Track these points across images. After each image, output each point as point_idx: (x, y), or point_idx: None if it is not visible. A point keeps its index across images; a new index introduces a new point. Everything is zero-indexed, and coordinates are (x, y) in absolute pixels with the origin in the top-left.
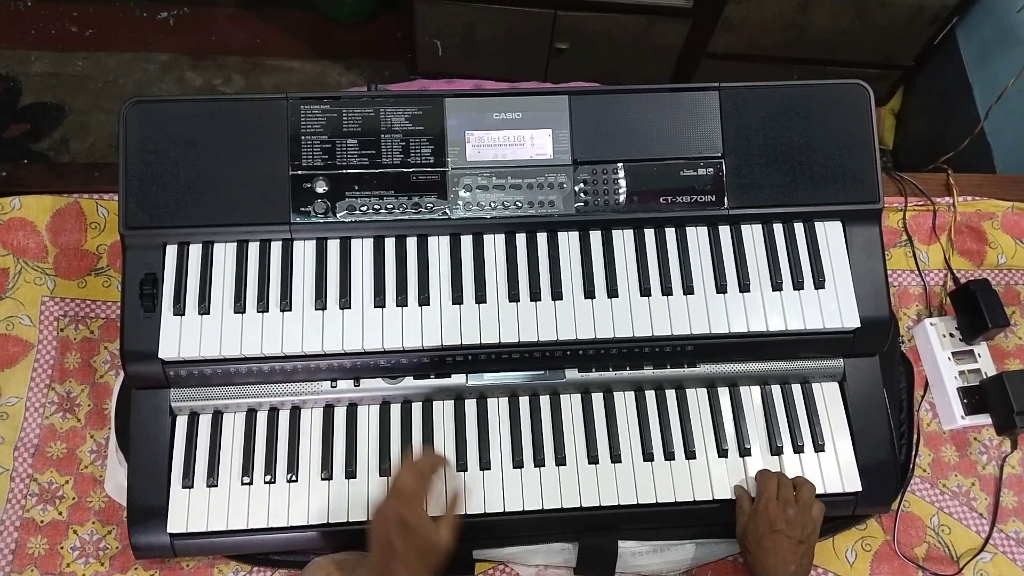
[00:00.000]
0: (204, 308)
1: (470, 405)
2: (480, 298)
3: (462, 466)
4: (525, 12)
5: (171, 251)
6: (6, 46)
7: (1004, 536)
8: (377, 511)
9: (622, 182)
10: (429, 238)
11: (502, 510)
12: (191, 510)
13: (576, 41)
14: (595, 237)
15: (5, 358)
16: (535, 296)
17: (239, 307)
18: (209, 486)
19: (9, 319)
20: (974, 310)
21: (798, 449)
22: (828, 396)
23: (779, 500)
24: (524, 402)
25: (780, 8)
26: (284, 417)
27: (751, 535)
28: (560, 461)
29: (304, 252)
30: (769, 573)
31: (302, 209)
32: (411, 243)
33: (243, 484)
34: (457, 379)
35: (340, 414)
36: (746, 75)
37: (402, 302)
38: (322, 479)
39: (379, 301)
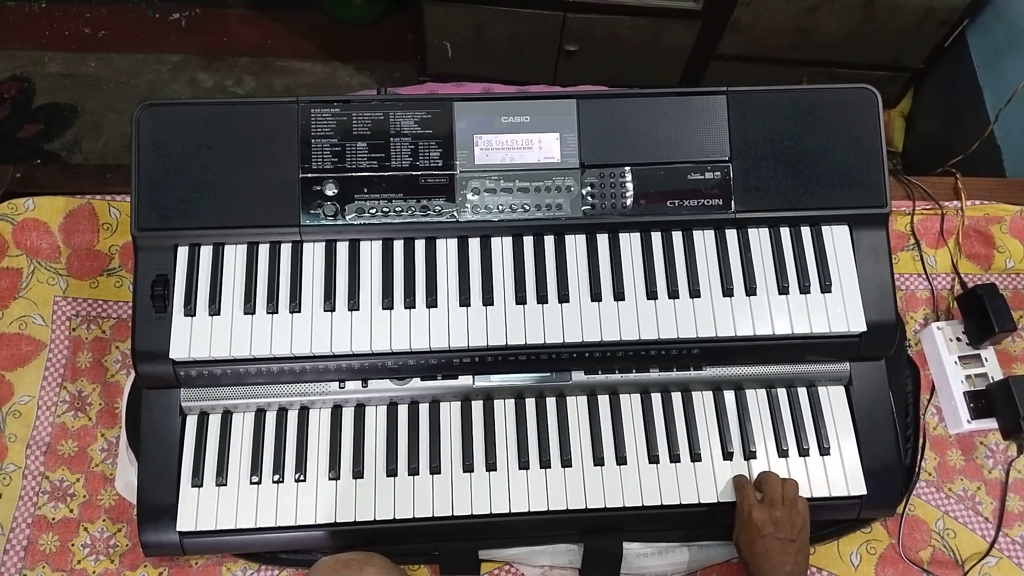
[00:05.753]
0: (215, 309)
1: (477, 406)
2: (487, 300)
3: (468, 467)
4: (534, 14)
5: (182, 252)
6: (20, 47)
7: (1010, 540)
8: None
9: (629, 185)
10: (437, 241)
11: (508, 511)
12: (200, 509)
13: (585, 43)
14: (602, 240)
15: (18, 357)
16: (542, 299)
17: (249, 308)
18: (218, 485)
19: (22, 318)
20: (981, 314)
21: (803, 452)
22: (834, 400)
23: (764, 502)
24: (530, 404)
25: (790, 10)
26: (293, 417)
27: (743, 542)
28: (566, 463)
29: (313, 254)
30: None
31: (312, 211)
32: (419, 245)
33: (252, 483)
34: (464, 380)
35: (348, 415)
36: (755, 77)
37: (410, 304)
38: (330, 479)
39: (387, 303)
